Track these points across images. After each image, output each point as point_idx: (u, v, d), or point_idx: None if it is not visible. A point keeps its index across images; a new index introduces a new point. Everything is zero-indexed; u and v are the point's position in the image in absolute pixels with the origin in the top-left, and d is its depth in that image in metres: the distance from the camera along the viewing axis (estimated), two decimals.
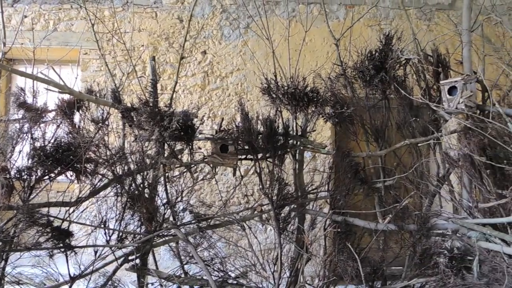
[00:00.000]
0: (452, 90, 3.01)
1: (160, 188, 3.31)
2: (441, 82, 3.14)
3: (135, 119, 3.15)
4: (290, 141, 3.35)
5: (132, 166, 3.17)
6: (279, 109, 3.36)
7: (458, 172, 3.15)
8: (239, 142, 3.24)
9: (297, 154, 3.48)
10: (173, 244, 3.51)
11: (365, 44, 3.64)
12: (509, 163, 2.73)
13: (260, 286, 3.33)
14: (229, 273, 3.39)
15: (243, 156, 3.37)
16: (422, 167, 3.41)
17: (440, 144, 3.38)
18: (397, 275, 3.22)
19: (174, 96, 3.95)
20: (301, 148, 3.43)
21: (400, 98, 3.43)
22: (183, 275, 3.38)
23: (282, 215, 3.31)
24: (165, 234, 3.26)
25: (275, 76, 3.36)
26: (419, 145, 3.43)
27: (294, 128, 3.38)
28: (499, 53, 3.55)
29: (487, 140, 2.82)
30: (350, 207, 3.43)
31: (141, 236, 3.13)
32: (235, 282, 3.30)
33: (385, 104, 3.55)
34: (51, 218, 2.91)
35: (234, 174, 3.48)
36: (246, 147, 3.27)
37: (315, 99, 3.26)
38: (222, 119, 3.43)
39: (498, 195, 2.79)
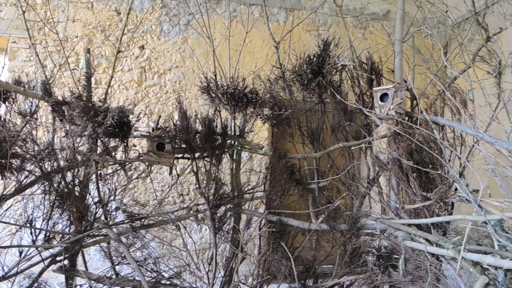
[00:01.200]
0: (383, 97, 3.15)
1: (92, 186, 3.19)
2: (374, 88, 3.27)
3: (66, 114, 3.01)
4: (228, 141, 3.36)
5: (62, 163, 3.03)
6: (218, 108, 3.35)
7: (387, 175, 3.31)
8: (177, 140, 3.19)
9: (234, 154, 3.49)
10: (104, 244, 3.40)
11: (304, 48, 3.73)
12: (434, 167, 2.90)
13: (194, 286, 3.31)
14: (163, 273, 3.33)
15: (180, 155, 3.33)
16: (354, 169, 3.55)
17: (371, 147, 3.54)
18: (328, 273, 3.32)
19: (109, 91, 3.82)
20: (239, 148, 3.45)
21: (336, 103, 3.55)
22: (114, 276, 3.28)
23: (218, 214, 3.31)
24: (96, 234, 3.14)
25: (215, 75, 3.35)
26: (351, 148, 3.56)
27: (233, 128, 3.39)
28: (428, 63, 3.77)
29: (414, 145, 2.98)
30: (285, 207, 3.49)
31: (70, 236, 2.99)
32: (168, 282, 3.24)
33: (321, 108, 3.66)
34: None
35: (171, 173, 3.43)
36: (184, 146, 3.23)
37: (254, 100, 3.29)
38: (159, 117, 3.36)
39: (423, 197, 2.96)
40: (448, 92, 2.95)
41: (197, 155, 3.24)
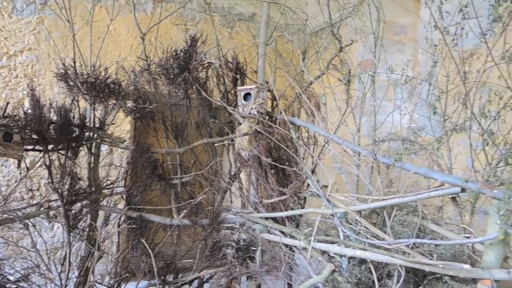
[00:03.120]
0: (247, 96, 3.27)
1: None
2: (238, 88, 3.38)
3: None
4: (87, 133, 3.17)
5: None
6: (76, 98, 3.14)
7: (248, 171, 3.45)
8: (27, 130, 2.91)
9: (93, 147, 3.31)
10: None
11: (171, 42, 3.69)
12: (290, 164, 3.11)
13: None
14: (8, 276, 3.01)
15: (31, 147, 3.04)
16: (216, 165, 3.62)
17: (234, 144, 3.65)
18: (189, 267, 3.35)
19: None
20: (98, 141, 3.28)
21: (201, 99, 3.58)
22: None
23: (73, 211, 3.11)
24: None
25: (74, 62, 3.14)
26: (215, 144, 3.63)
27: (92, 120, 3.21)
28: (288, 67, 4.01)
29: (273, 144, 3.15)
30: (146, 203, 3.42)
31: None
32: (14, 286, 2.95)
33: (187, 103, 3.66)
34: None
35: (19, 166, 3.11)
36: (35, 137, 2.96)
37: (116, 92, 3.16)
38: (7, 103, 3.03)
39: (279, 192, 3.15)
40: (305, 96, 3.18)
41: (50, 147, 3.00)
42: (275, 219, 3.20)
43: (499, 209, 1.91)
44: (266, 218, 3.21)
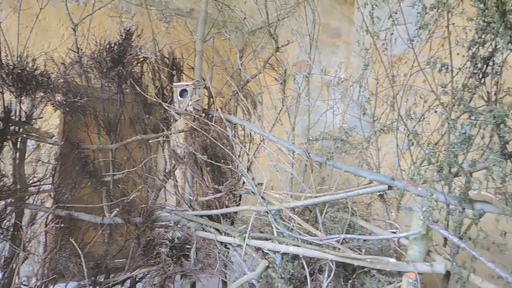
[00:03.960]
0: (183, 93, 3.24)
1: None
2: (174, 84, 3.34)
3: None
4: (12, 127, 2.99)
5: None
6: (0, 90, 2.95)
7: (183, 168, 3.42)
8: None
9: (18, 142, 3.12)
10: None
11: (104, 34, 3.56)
12: (225, 162, 3.12)
13: None
14: None
15: None
16: (151, 162, 3.56)
17: (169, 141, 3.60)
18: (121, 267, 3.26)
19: None
20: (24, 136, 3.10)
21: (135, 94, 3.50)
22: None
23: None
24: None
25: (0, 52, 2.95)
26: (150, 141, 3.56)
27: (18, 113, 3.03)
28: (225, 65, 4.01)
29: (209, 141, 3.15)
30: (76, 201, 3.29)
31: None
32: None
33: (120, 98, 3.56)
34: None
35: None
36: None
37: (45, 84, 3.00)
38: None
39: (215, 190, 3.16)
40: (241, 94, 3.20)
41: None
42: (210, 217, 3.20)
43: (422, 205, 2.03)
44: (201, 216, 3.21)
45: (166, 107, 3.34)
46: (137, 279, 3.31)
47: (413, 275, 2.25)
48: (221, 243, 3.08)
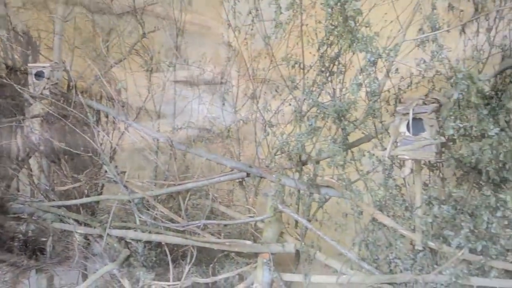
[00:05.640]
0: (39, 75, 3.02)
1: None
2: (29, 65, 3.10)
3: None
4: None
5: None
6: None
7: (39, 156, 3.20)
8: None
9: None
10: None
11: None
12: (85, 150, 2.99)
13: None
14: None
15: None
16: (1, 149, 3.26)
17: (23, 127, 3.33)
18: None
19: None
20: None
21: None
22: None
23: None
24: None
25: None
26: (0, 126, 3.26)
27: None
28: (88, 48, 3.79)
29: (68, 128, 2.99)
30: None
31: None
32: None
33: None
34: None
35: None
36: None
37: None
38: None
39: (74, 179, 3.02)
40: (104, 79, 3.08)
41: None
42: (69, 207, 3.06)
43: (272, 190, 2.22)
44: (59, 207, 3.05)
45: (20, 90, 3.08)
46: None
47: (267, 255, 2.43)
48: (81, 234, 2.98)
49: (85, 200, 2.95)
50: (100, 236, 2.87)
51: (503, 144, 1.85)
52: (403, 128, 1.97)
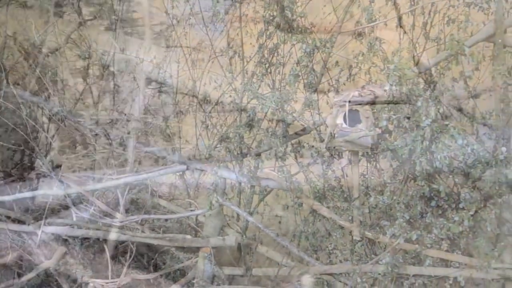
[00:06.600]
0: None
1: None
2: None
3: None
4: None
5: None
6: None
7: None
8: None
9: None
10: None
11: None
12: (17, 143, 2.84)
13: None
14: None
15: None
16: None
17: None
18: None
19: None
20: None
21: None
22: None
23: None
24: None
25: None
26: None
27: None
28: (19, 36, 3.58)
29: None
30: None
31: None
32: None
33: None
34: None
35: None
36: None
37: None
38: None
39: (5, 173, 2.87)
40: (38, 69, 2.93)
41: None
42: (1, 204, 2.90)
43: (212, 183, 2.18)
44: None
45: None
46: None
47: (208, 249, 2.39)
48: (15, 231, 2.83)
49: (16, 196, 2.80)
50: (35, 233, 2.74)
51: (435, 136, 1.90)
52: (340, 120, 1.98)
